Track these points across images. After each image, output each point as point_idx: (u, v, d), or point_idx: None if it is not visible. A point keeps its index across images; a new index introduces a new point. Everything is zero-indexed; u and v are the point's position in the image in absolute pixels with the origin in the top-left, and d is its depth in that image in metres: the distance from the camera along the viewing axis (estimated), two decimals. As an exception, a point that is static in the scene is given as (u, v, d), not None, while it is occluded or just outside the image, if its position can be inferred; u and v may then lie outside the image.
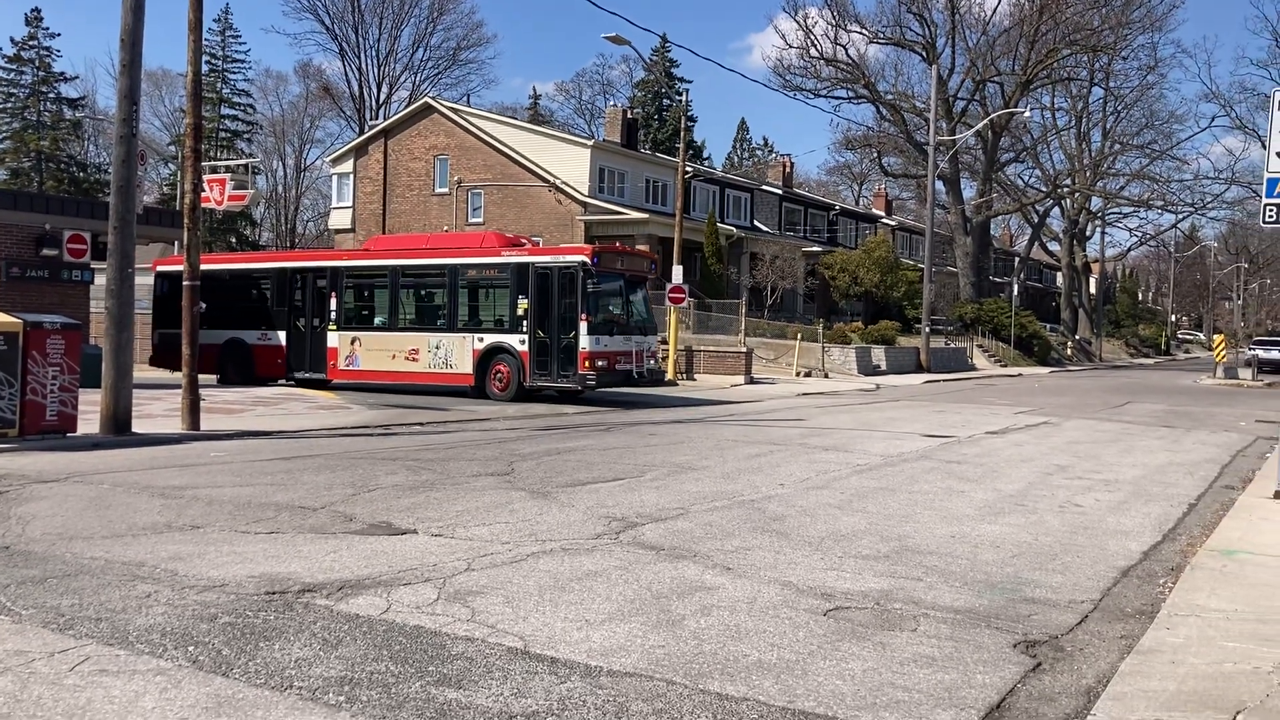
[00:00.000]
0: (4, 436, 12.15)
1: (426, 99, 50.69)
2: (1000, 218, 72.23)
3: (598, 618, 5.61)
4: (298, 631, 5.17)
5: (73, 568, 6.32)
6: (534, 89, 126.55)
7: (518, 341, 21.18)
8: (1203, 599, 6.19)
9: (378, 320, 23.71)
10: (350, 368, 23.49)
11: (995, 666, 5.07)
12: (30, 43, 68.69)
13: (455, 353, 22.06)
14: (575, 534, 7.84)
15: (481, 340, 21.77)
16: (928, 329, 42.65)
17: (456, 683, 4.53)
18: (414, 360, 22.56)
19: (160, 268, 26.83)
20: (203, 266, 27.13)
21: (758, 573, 6.80)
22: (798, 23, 56.47)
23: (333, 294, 23.87)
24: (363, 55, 76.73)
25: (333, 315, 23.83)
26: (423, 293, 23.80)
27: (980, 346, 51.32)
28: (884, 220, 67.83)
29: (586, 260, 20.44)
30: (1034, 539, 8.31)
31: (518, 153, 44.55)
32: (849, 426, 17.71)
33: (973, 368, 46.89)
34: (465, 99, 63.00)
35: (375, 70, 77.10)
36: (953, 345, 47.67)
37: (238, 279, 26.11)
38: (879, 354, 39.86)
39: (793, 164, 65.76)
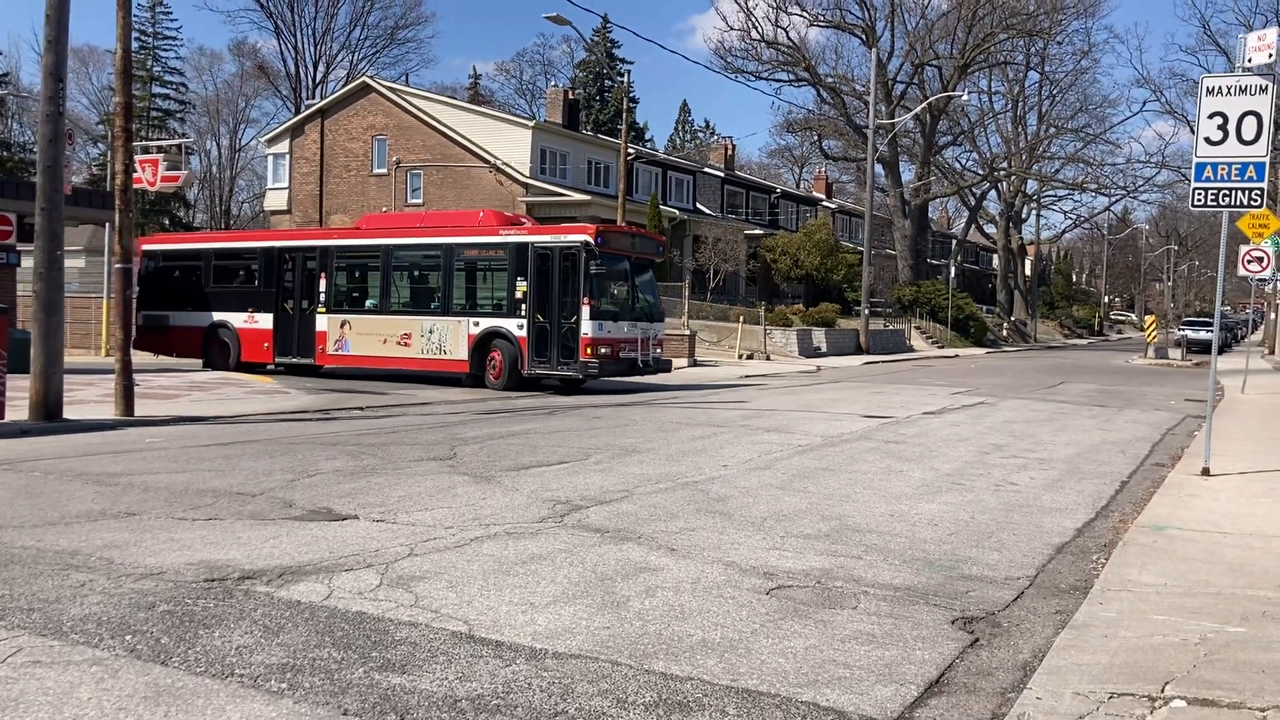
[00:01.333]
0: (-71, 424, 11.82)
1: (364, 78, 49.97)
2: (938, 200, 73.12)
3: (542, 601, 5.61)
4: (238, 619, 5.11)
5: (2, 558, 6.17)
6: (474, 69, 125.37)
7: (515, 326, 19.95)
8: (1134, 574, 6.35)
9: (369, 303, 22.60)
10: (340, 352, 22.40)
11: (934, 643, 5.16)
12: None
13: (449, 338, 20.83)
14: (519, 518, 7.83)
15: (477, 325, 20.53)
16: (867, 311, 43.07)
17: (400, 668, 4.51)
18: (405, 345, 21.40)
19: (146, 246, 25.99)
20: (185, 246, 26.49)
21: (701, 553, 6.84)
22: (739, 4, 56.52)
23: (322, 274, 22.80)
24: (299, 33, 75.44)
25: (321, 297, 22.74)
26: (416, 274, 22.50)
27: (918, 328, 51.97)
28: (824, 203, 68.27)
29: (590, 240, 19.23)
30: (971, 517, 8.45)
31: (458, 133, 44.13)
32: (790, 408, 17.85)
33: (911, 349, 47.47)
34: (404, 78, 62.30)
35: (312, 49, 75.88)
36: (891, 327, 48.20)
37: (222, 258, 25.12)
38: (819, 336, 40.19)
39: (735, 147, 65.93)
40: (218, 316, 24.21)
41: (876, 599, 5.90)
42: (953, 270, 56.93)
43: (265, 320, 23.50)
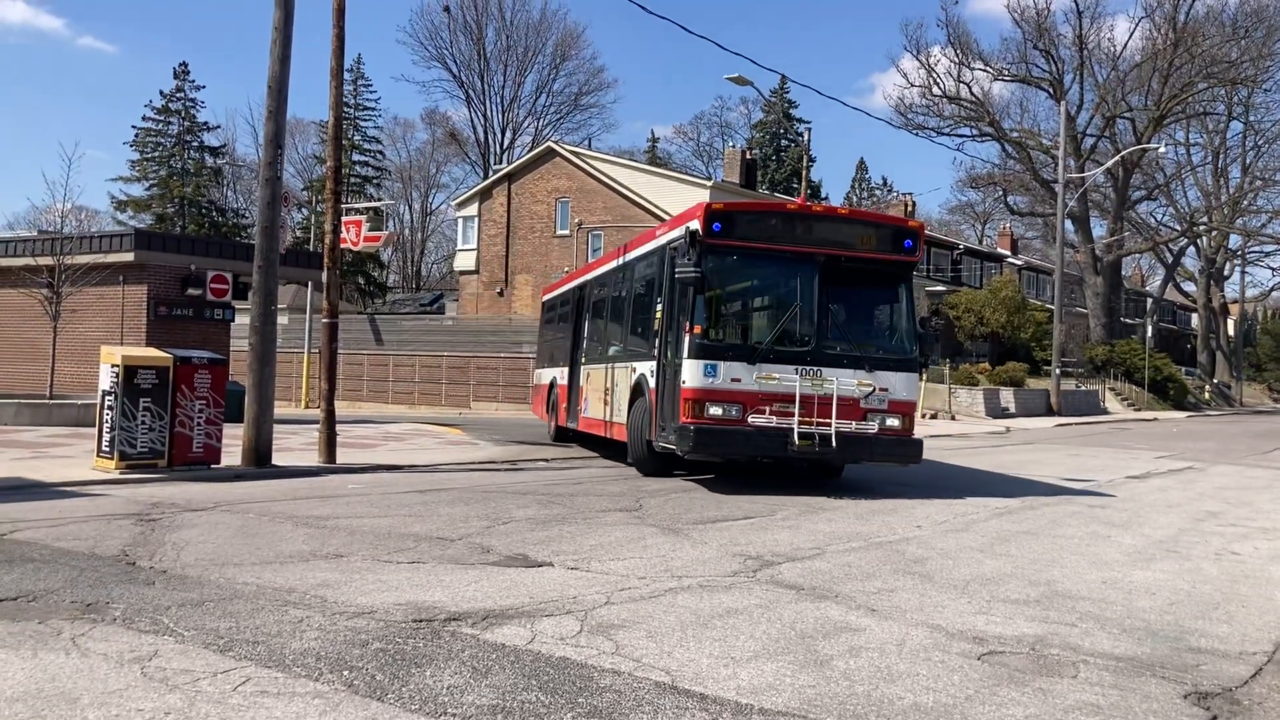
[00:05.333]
0: (154, 467, 12.64)
1: (549, 143, 51.65)
2: (1132, 257, 69.95)
3: (743, 655, 5.51)
4: (447, 659, 5.20)
5: (227, 592, 6.49)
6: (652, 132, 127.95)
7: (649, 372, 13.75)
8: (1391, 654, 5.78)
9: (579, 354, 18.68)
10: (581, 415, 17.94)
11: (1167, 718, 4.80)
12: (177, 95, 72.38)
13: (620, 392, 15.28)
14: (711, 571, 7.75)
15: (633, 372, 14.61)
16: (1058, 371, 41.42)
17: (608, 715, 4.49)
18: (605, 403, 16.17)
19: (546, 296, 24.40)
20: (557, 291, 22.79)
21: (903, 615, 6.60)
22: (920, 61, 56.03)
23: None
24: (488, 102, 78.86)
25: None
26: (601, 311, 17.98)
27: (1112, 389, 49.62)
28: (1010, 260, 66.33)
29: (697, 227, 12.40)
30: (1192, 587, 7.90)
31: (637, 194, 44.99)
32: (982, 469, 17.22)
33: (1105, 411, 45.30)
34: (586, 142, 64.18)
35: (499, 116, 79.14)
36: (1084, 388, 46.18)
37: (552, 307, 22.57)
38: (1007, 396, 38.83)
39: (914, 203, 64.88)
40: (548, 373, 21.74)
41: (1098, 668, 5.55)
42: (1149, 329, 54.22)
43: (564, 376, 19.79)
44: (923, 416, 33.26)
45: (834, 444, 12.30)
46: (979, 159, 73.33)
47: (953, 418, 34.14)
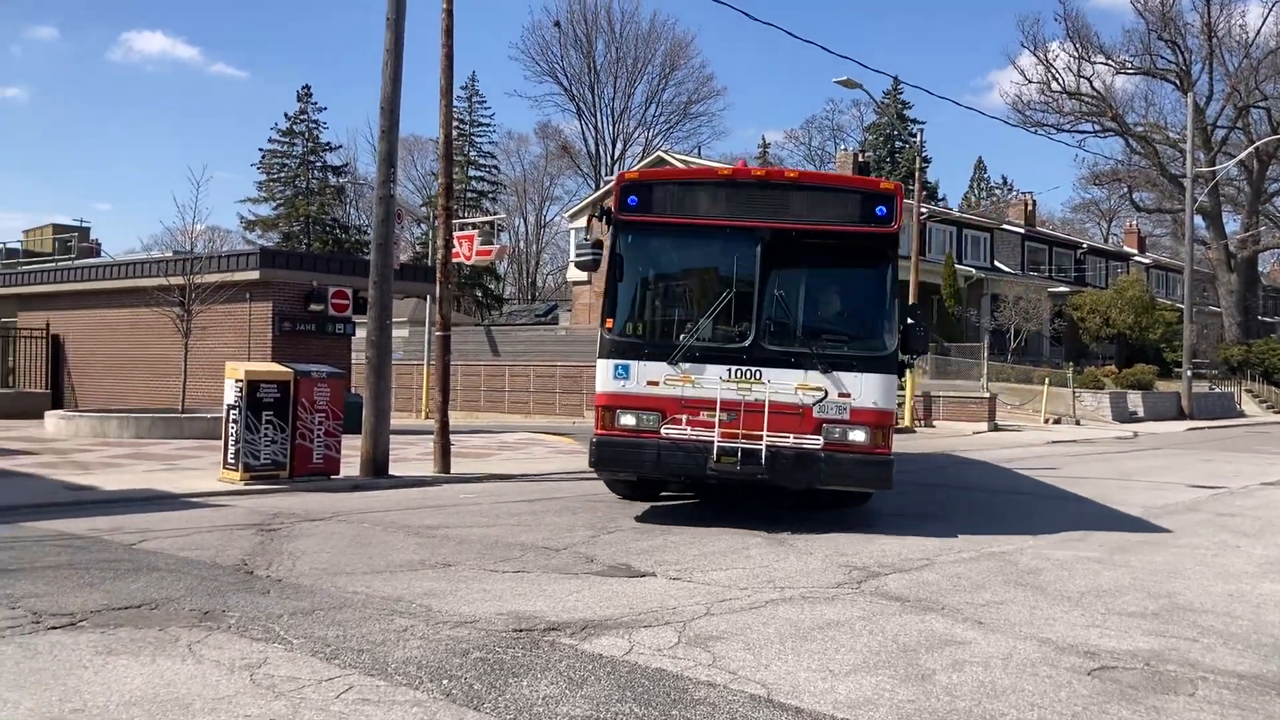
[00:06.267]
0: (276, 478, 13.07)
1: (659, 152, 51.92)
2: (1269, 252, 66.76)
3: (842, 669, 5.44)
4: (544, 669, 5.25)
5: (337, 601, 6.68)
6: (763, 138, 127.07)
7: None
8: None
9: None
10: None
11: (1291, 740, 4.57)
12: (301, 117, 74.86)
13: None
14: (814, 582, 7.67)
15: None
16: (1189, 372, 39.80)
17: (700, 728, 4.48)
18: None
19: None
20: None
21: (1012, 628, 6.42)
22: (1038, 58, 54.48)
23: None
24: (598, 113, 79.55)
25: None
26: None
27: (1249, 391, 47.44)
28: (1136, 258, 64.01)
29: (610, 204, 10.80)
30: (1328, 601, 7.50)
31: (749, 201, 44.82)
32: (1105, 476, 16.66)
33: (1241, 414, 43.34)
34: (696, 151, 64.26)
35: (610, 127, 79.75)
36: (1218, 390, 44.27)
37: None
38: (1135, 399, 37.47)
39: (1034, 202, 63.12)
40: None
41: (1217, 686, 5.31)
42: (1290, 327, 51.65)
43: None
44: (1044, 421, 32.30)
45: (763, 462, 9.76)
46: (1101, 155, 70.92)
47: (1077, 422, 33.09)
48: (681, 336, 10.28)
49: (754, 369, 9.93)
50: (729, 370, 9.97)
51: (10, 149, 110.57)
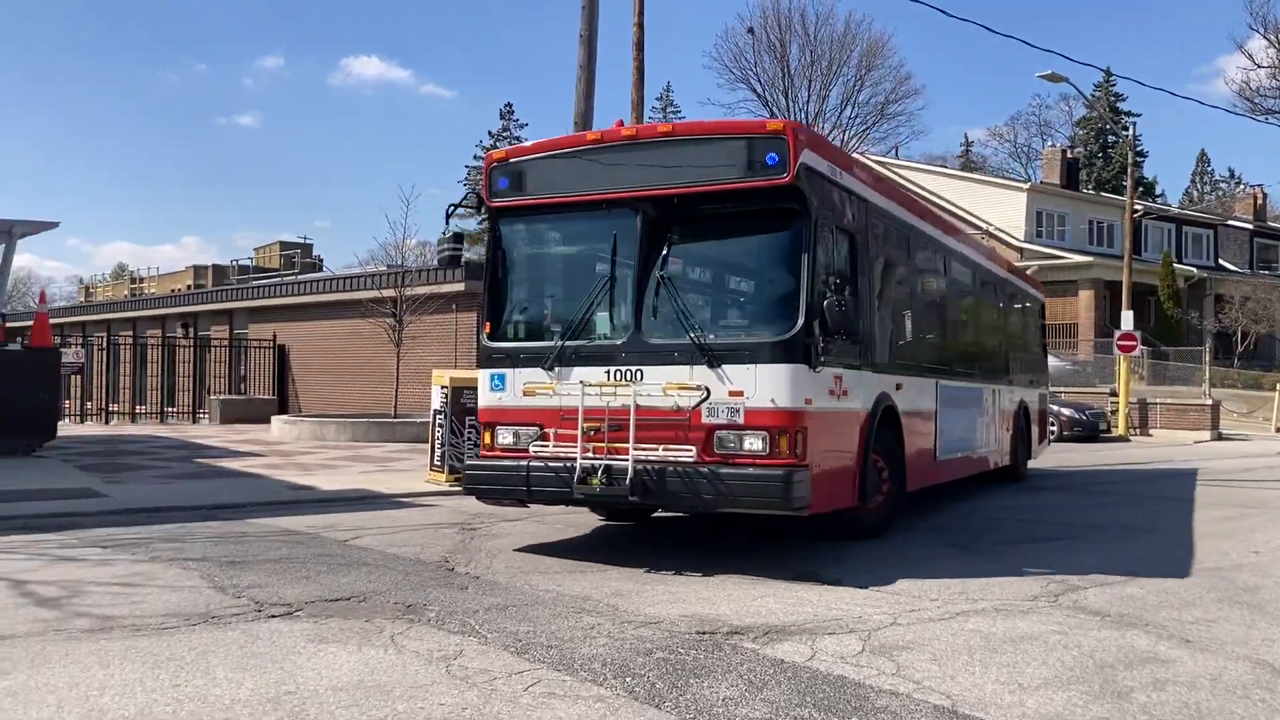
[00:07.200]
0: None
1: (854, 155, 51.20)
2: None
3: (1032, 682, 5.28)
4: (725, 671, 5.33)
5: (529, 598, 6.95)
6: (965, 136, 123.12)
7: None
8: None
9: None
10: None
11: None
12: (503, 134, 77.74)
13: None
14: (1008, 594, 7.45)
15: None
16: None
17: (879, 736, 4.45)
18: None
19: None
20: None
21: (1223, 648, 6.07)
22: (1269, 40, 50.83)
23: None
24: (792, 118, 79.10)
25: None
26: None
27: None
28: (1386, 253, 58.74)
29: (481, 189, 9.43)
30: None
31: (946, 200, 43.71)
32: (1341, 489, 15.41)
33: None
34: (893, 151, 62.94)
35: (805, 131, 79.14)
36: None
37: None
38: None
39: (1265, 195, 58.93)
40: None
41: None
42: None
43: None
44: (1276, 430, 30.03)
45: (627, 483, 8.03)
46: (1344, 141, 65.37)
47: (1313, 431, 30.66)
48: (558, 335, 8.79)
49: (634, 368, 8.29)
50: (607, 372, 8.37)
51: (245, 171, 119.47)
